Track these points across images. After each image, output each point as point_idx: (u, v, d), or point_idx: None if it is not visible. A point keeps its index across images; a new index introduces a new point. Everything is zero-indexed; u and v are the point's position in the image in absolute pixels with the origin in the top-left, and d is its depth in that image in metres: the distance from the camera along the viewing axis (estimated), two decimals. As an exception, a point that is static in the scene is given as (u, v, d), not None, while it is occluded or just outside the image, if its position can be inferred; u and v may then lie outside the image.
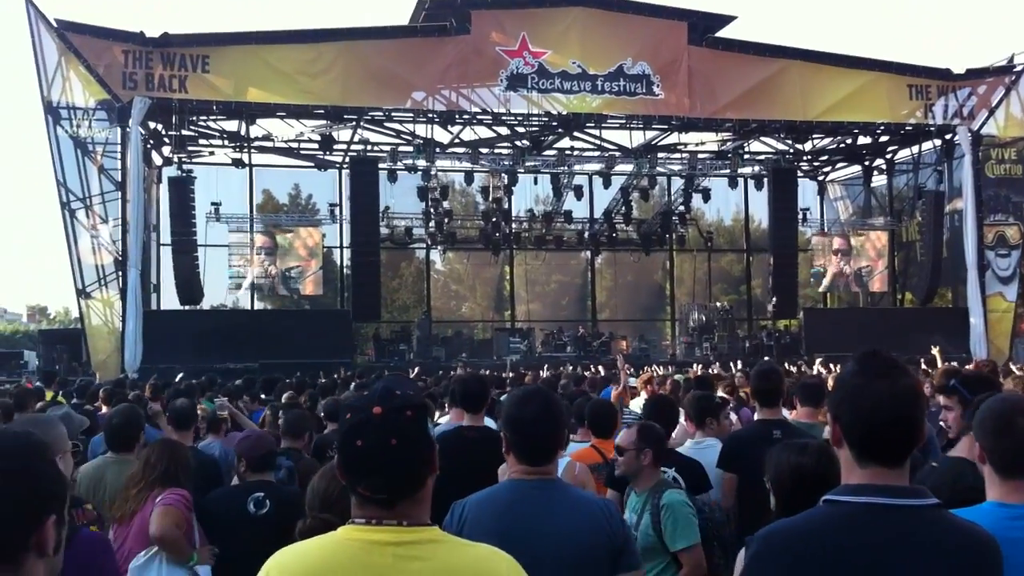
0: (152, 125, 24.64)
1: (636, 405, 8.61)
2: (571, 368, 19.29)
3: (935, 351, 12.31)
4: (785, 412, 6.00)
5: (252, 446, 5.18)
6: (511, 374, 15.61)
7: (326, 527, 2.28)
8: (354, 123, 26.09)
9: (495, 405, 6.96)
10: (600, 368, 17.65)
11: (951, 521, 2.13)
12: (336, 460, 2.10)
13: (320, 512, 3.06)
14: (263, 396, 10.97)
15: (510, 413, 3.21)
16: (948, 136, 28.00)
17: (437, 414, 7.61)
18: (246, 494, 4.96)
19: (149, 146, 25.63)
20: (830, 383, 7.66)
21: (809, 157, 31.84)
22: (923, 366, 12.14)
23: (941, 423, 5.04)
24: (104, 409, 9.20)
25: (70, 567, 2.94)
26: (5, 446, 1.74)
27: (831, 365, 14.14)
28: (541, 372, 15.86)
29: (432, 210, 28.18)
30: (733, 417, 7.55)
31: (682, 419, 6.30)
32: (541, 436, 3.14)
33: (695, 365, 21.21)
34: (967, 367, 10.60)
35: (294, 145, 27.62)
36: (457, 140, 27.46)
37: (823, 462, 3.26)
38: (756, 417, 6.01)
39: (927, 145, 29.00)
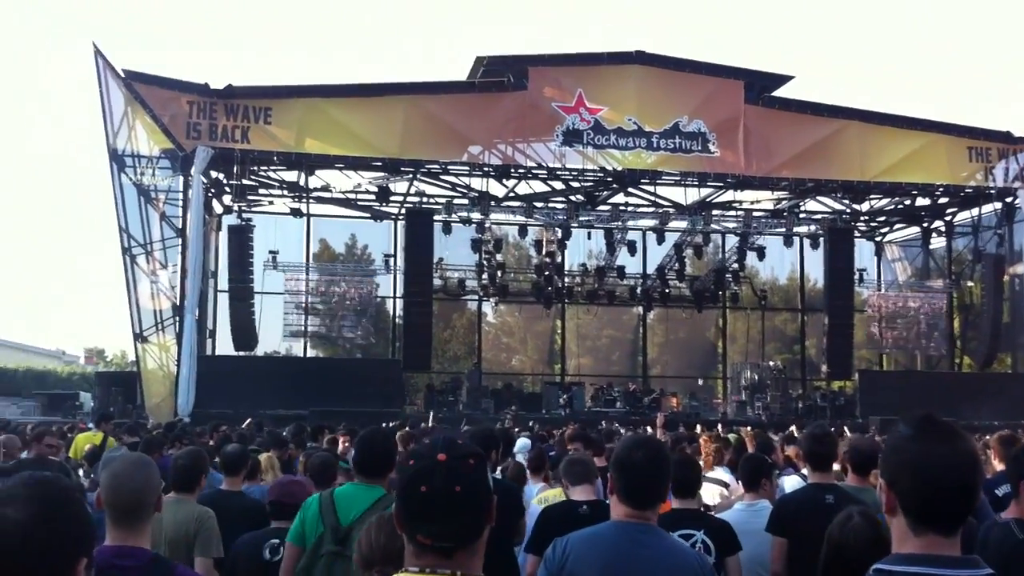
0: (214, 174, 25.12)
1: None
2: (615, 425, 19.08)
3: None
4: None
5: (272, 492, 5.27)
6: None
7: None
8: (411, 175, 26.39)
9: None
10: (648, 427, 17.43)
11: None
12: (395, 507, 2.08)
13: (384, 567, 2.98)
14: (309, 444, 10.97)
15: (619, 457, 3.43)
16: (1009, 199, 27.59)
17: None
18: (263, 540, 5.02)
19: (210, 194, 26.10)
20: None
21: (866, 217, 31.52)
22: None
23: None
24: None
25: None
26: (35, 492, 1.77)
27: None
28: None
29: (485, 262, 28.29)
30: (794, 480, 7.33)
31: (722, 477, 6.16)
32: (647, 481, 3.36)
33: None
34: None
35: (351, 196, 27.99)
36: (512, 194, 27.66)
37: None
38: (808, 480, 5.87)
39: (987, 208, 28.56)
